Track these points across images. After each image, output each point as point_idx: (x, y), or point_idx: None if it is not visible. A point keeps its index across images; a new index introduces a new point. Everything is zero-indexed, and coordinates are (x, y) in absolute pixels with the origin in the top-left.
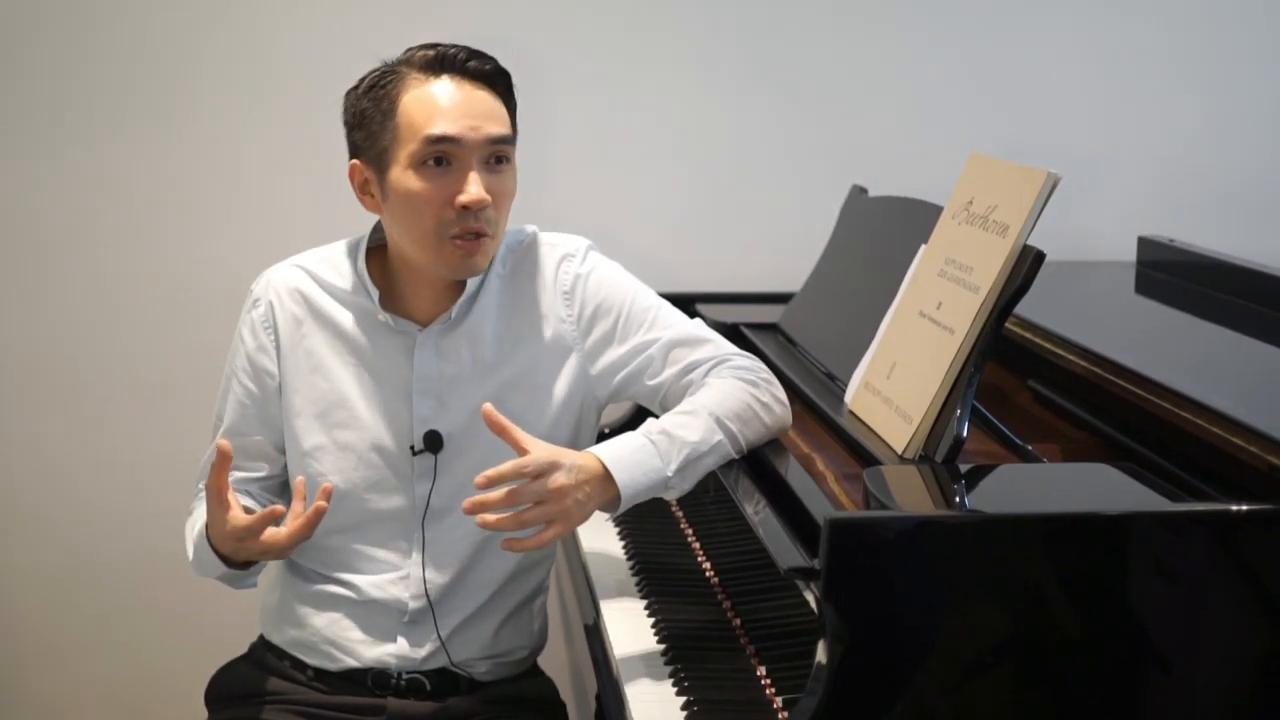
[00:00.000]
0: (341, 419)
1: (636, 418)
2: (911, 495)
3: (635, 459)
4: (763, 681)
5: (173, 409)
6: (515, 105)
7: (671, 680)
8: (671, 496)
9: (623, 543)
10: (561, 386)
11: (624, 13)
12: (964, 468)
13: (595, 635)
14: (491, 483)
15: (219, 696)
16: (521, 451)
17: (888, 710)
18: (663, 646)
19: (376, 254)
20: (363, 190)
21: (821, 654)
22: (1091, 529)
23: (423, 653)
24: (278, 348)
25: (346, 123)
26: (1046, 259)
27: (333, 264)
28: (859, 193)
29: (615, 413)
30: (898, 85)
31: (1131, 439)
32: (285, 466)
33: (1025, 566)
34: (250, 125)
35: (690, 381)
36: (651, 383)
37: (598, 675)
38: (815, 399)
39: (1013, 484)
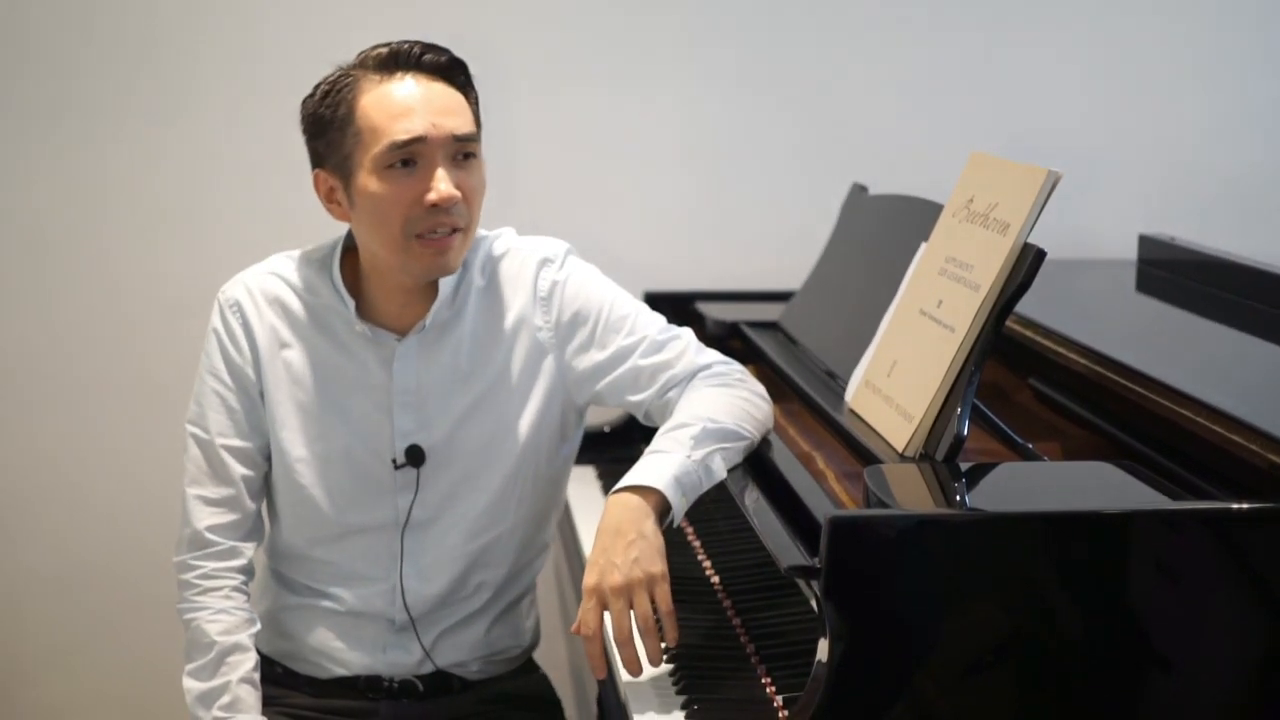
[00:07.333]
0: (321, 431)
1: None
2: (912, 494)
3: (646, 465)
4: (762, 681)
5: (175, 408)
6: (476, 97)
7: (672, 680)
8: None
9: None
10: (540, 392)
11: (624, 11)
12: (964, 466)
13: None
14: (595, 646)
15: None
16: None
17: (888, 709)
18: (663, 646)
19: (347, 261)
20: (329, 199)
21: (822, 653)
22: (1092, 527)
23: (413, 660)
24: (256, 355)
25: (305, 131)
26: (1047, 257)
27: (303, 271)
28: (859, 191)
29: (611, 413)
30: (898, 85)
31: (1132, 437)
32: (268, 473)
33: (1026, 565)
34: (252, 124)
35: (670, 399)
36: (633, 399)
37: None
38: (816, 397)
39: (1013, 482)
